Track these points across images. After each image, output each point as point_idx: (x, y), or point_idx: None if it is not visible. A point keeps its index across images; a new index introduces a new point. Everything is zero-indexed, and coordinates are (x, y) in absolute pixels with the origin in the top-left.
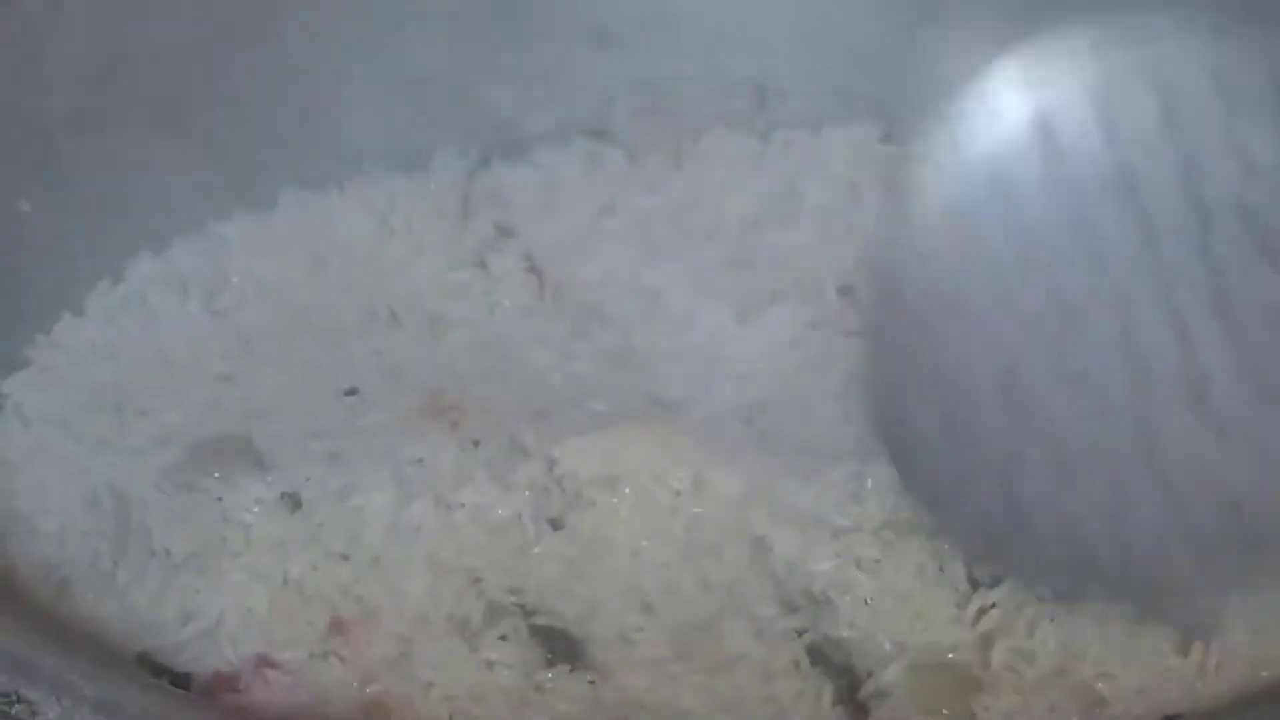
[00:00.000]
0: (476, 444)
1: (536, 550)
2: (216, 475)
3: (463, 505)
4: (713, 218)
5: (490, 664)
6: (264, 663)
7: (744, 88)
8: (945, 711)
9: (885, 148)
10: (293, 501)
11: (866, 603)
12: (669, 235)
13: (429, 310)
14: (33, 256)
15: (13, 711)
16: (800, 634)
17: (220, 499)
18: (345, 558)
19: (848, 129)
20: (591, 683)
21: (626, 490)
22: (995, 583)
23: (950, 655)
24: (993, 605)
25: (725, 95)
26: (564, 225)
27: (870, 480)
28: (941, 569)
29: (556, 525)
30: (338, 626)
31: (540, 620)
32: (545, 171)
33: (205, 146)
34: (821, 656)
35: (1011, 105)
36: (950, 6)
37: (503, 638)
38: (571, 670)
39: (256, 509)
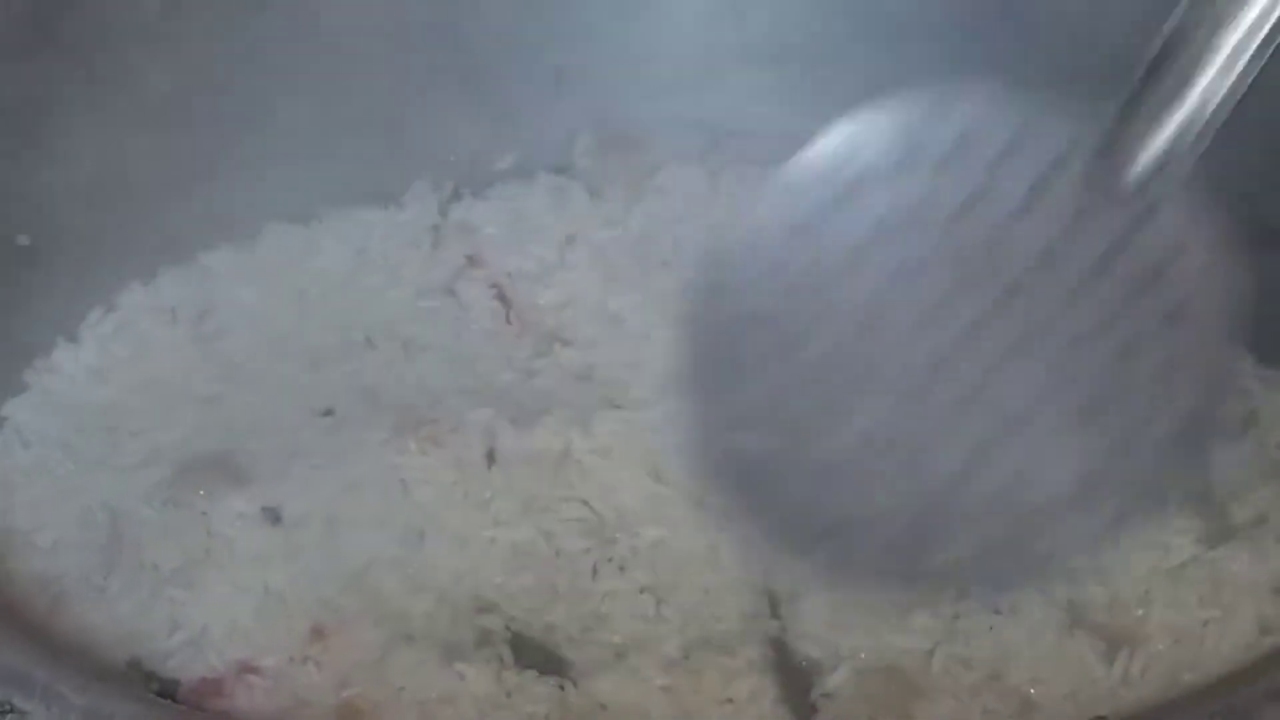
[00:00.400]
0: (458, 461)
1: (513, 564)
2: (202, 492)
3: (438, 521)
4: (668, 247)
5: (461, 673)
6: (246, 668)
7: (697, 128)
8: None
9: None
10: (273, 516)
11: (819, 610)
12: (627, 264)
13: (402, 334)
14: (30, 288)
15: None
16: (758, 639)
17: (205, 514)
18: (323, 570)
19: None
20: (560, 687)
21: (593, 504)
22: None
23: (894, 661)
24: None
25: (680, 134)
26: (529, 255)
27: None
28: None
29: (538, 542)
30: (317, 634)
31: (514, 629)
32: (511, 205)
33: (191, 183)
34: (776, 660)
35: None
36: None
37: (476, 647)
38: (539, 675)
39: (239, 524)
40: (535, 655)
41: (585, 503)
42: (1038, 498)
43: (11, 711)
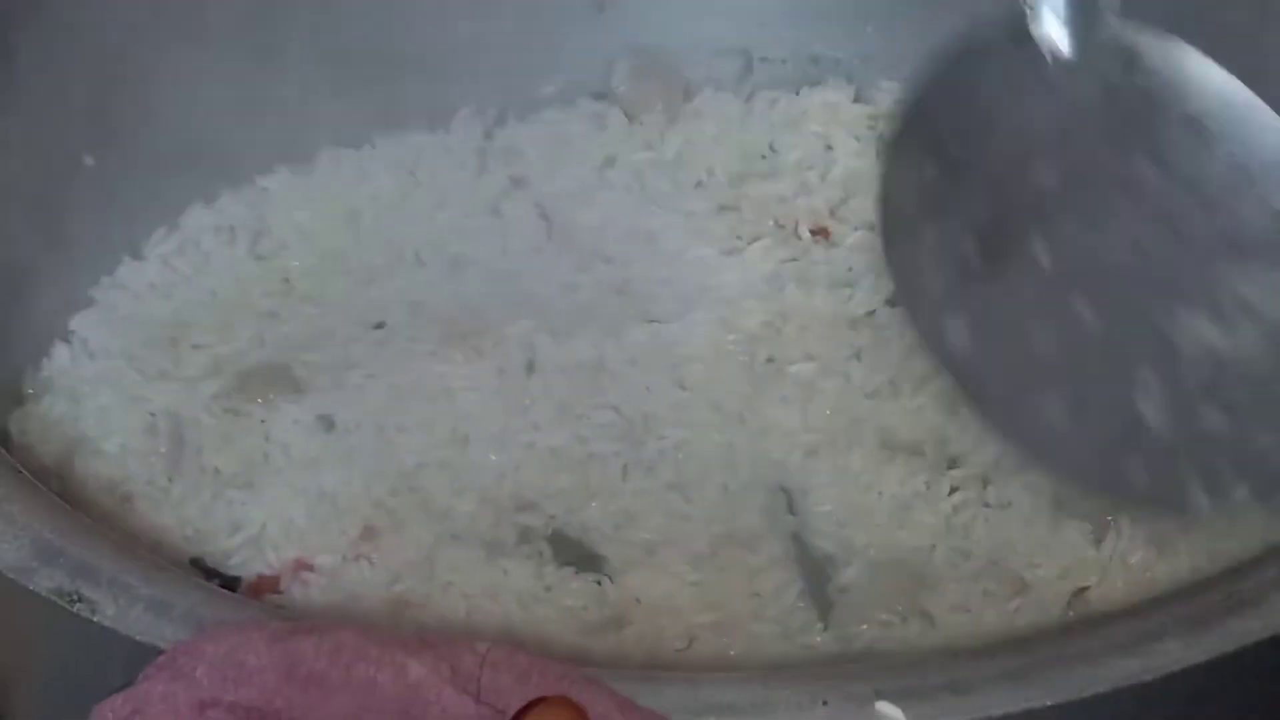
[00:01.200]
0: (500, 371)
1: (550, 465)
2: (260, 400)
3: (481, 426)
4: (702, 170)
5: (504, 569)
6: (302, 566)
7: (731, 54)
8: (899, 607)
9: (856, 107)
10: (327, 423)
11: (840, 509)
12: (663, 185)
13: (450, 252)
14: (96, 207)
15: (74, 609)
16: (780, 535)
17: (263, 421)
18: (374, 473)
19: (823, 91)
20: (597, 582)
21: (622, 410)
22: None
23: (902, 556)
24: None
25: (714, 60)
26: (570, 176)
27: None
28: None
29: (573, 446)
30: (369, 533)
31: (553, 528)
32: (553, 129)
33: (250, 111)
34: (798, 554)
35: None
36: None
37: (517, 544)
38: (577, 571)
39: (295, 430)
40: (573, 552)
41: (615, 409)
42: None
43: (80, 601)
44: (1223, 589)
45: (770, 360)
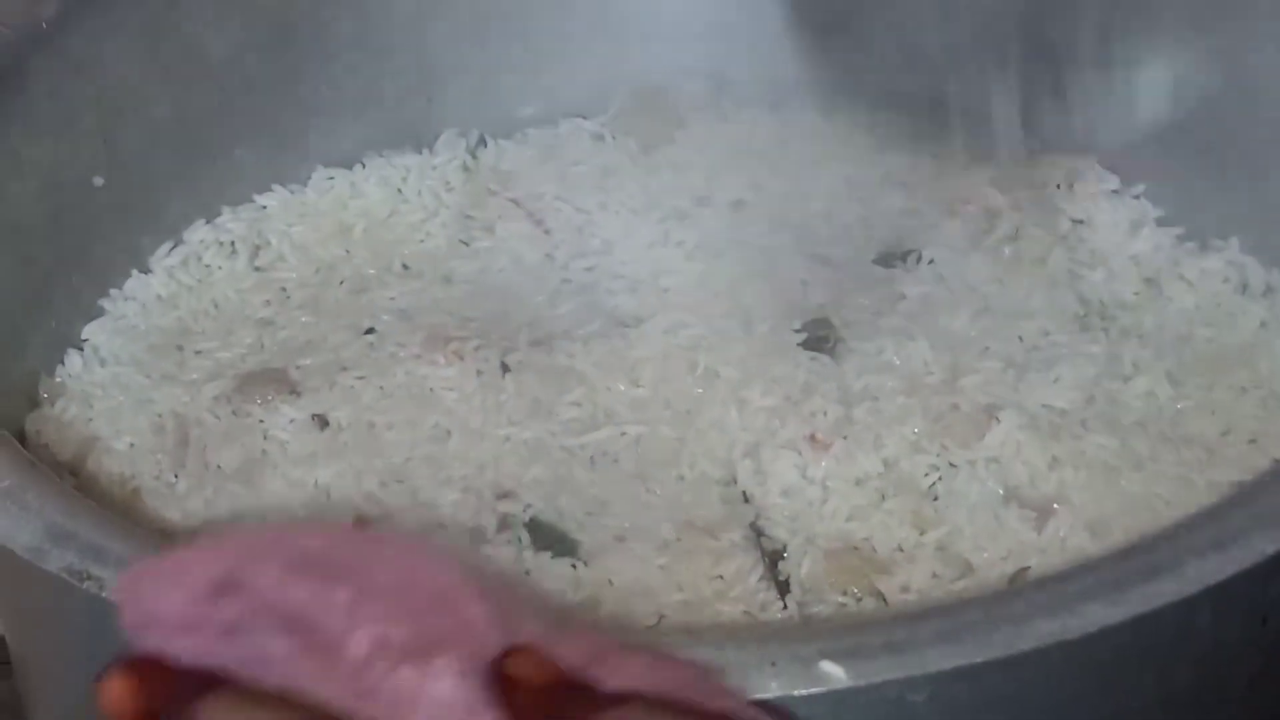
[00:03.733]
0: (478, 372)
1: (526, 457)
2: (259, 402)
3: (462, 422)
4: (680, 183)
5: (487, 555)
6: None
7: (703, 75)
8: (854, 589)
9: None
10: (321, 421)
11: (794, 499)
12: (646, 202)
13: (436, 264)
14: (106, 224)
15: (83, 586)
16: (738, 523)
17: (262, 421)
18: (365, 467)
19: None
20: (573, 566)
21: (586, 406)
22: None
23: (855, 544)
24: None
25: (687, 81)
26: (551, 191)
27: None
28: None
29: (546, 439)
30: (360, 523)
31: (530, 515)
32: (536, 146)
33: (249, 134)
34: (757, 541)
35: None
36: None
37: (498, 530)
38: (554, 556)
39: (292, 428)
40: (549, 537)
41: (579, 404)
42: None
43: (90, 579)
44: (1140, 557)
45: (708, 367)
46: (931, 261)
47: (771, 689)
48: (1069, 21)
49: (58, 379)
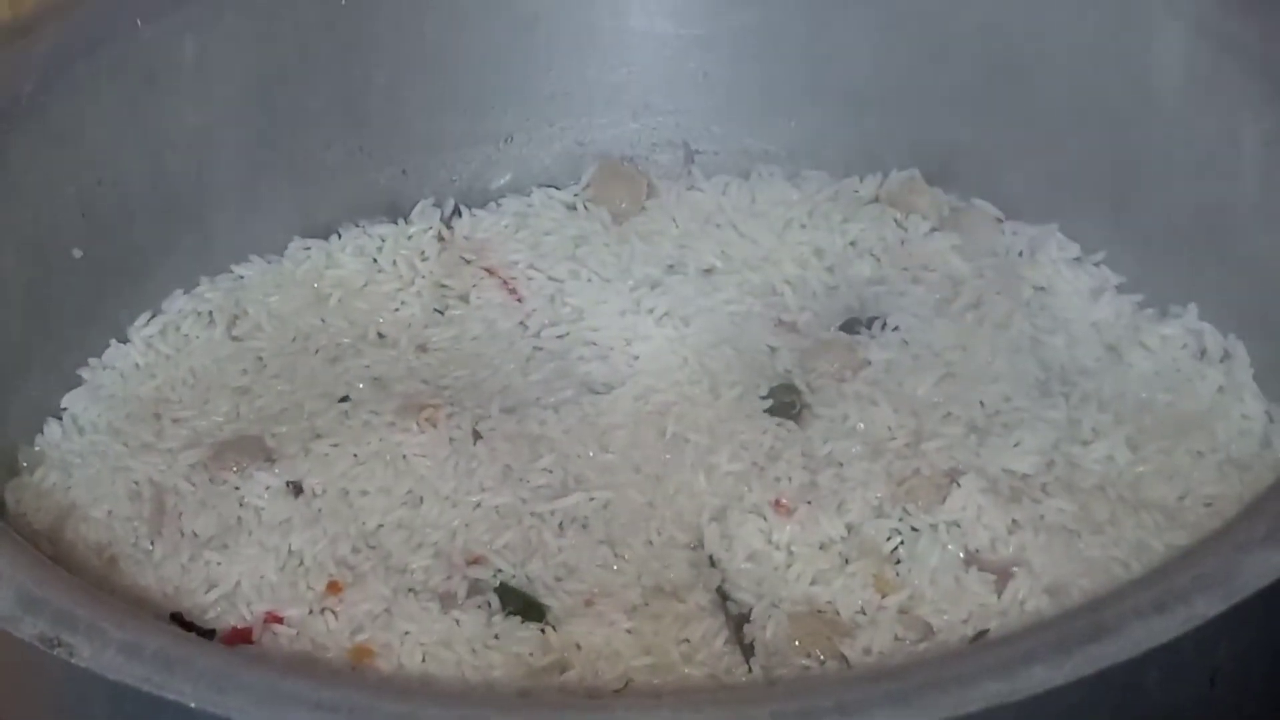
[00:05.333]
0: (451, 439)
1: (497, 524)
2: (235, 469)
3: (433, 489)
4: (651, 251)
5: (457, 619)
6: (272, 618)
7: (671, 145)
8: (818, 652)
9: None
10: (296, 488)
11: (759, 563)
12: (612, 266)
13: (410, 333)
14: (84, 295)
15: (55, 653)
16: (704, 587)
17: (238, 488)
18: (338, 533)
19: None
20: (541, 630)
21: (556, 472)
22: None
23: (819, 606)
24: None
25: (656, 151)
26: (524, 260)
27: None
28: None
29: (516, 505)
30: (333, 588)
31: (500, 580)
32: (508, 216)
33: (226, 205)
34: (722, 605)
35: None
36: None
37: (468, 595)
38: (523, 621)
39: (267, 495)
40: (518, 602)
41: (550, 471)
42: None
43: (60, 645)
44: (1085, 618)
45: (676, 433)
46: (896, 328)
47: None
48: (1029, 94)
49: (37, 447)
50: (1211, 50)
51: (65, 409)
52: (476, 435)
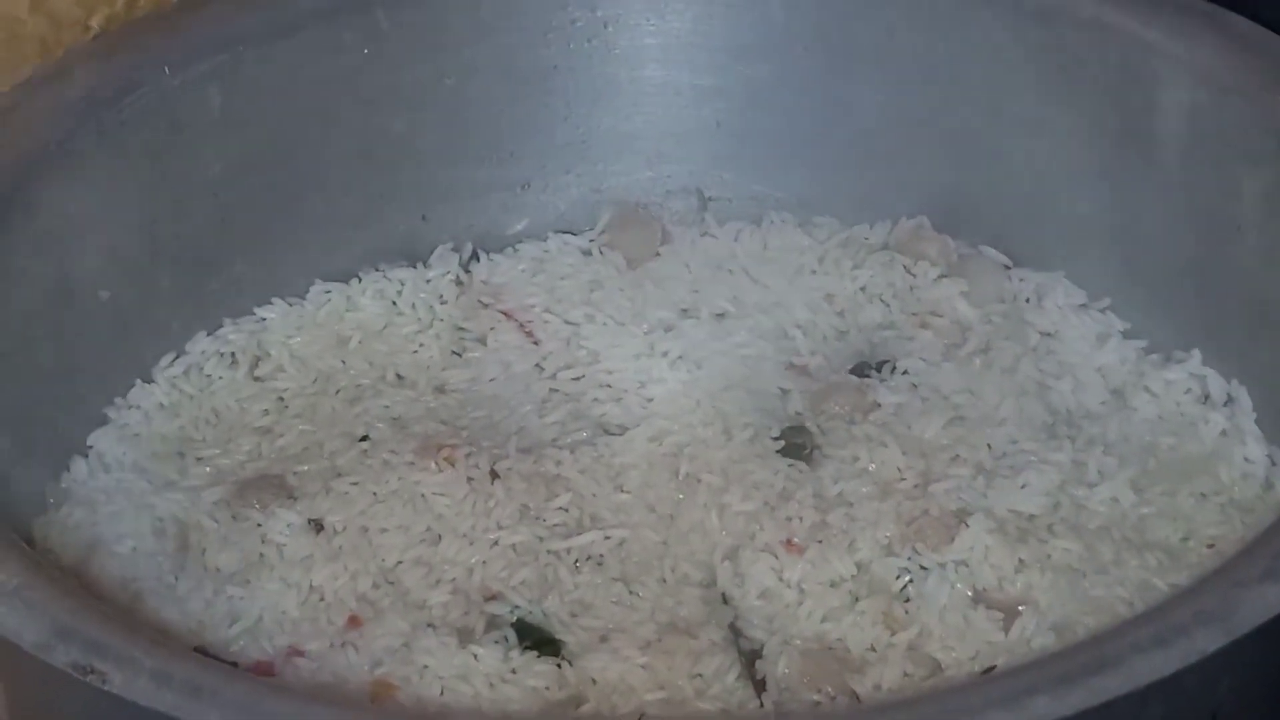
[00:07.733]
0: (469, 479)
1: (514, 561)
2: (257, 507)
3: (452, 526)
4: (665, 295)
5: (474, 654)
6: (293, 652)
7: (685, 192)
8: (829, 687)
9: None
10: (317, 525)
11: (771, 601)
12: (627, 310)
13: (429, 374)
14: (111, 336)
15: (87, 680)
16: (717, 624)
17: (260, 525)
18: (358, 569)
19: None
20: (557, 665)
21: (572, 511)
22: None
23: (829, 644)
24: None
25: (670, 198)
26: (541, 303)
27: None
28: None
29: (533, 543)
30: (353, 623)
31: (517, 616)
32: (526, 260)
33: (249, 249)
34: (735, 641)
35: None
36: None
37: (486, 631)
38: (539, 656)
39: (288, 532)
40: (535, 638)
41: (566, 510)
42: None
43: (93, 673)
44: (1088, 652)
45: (689, 473)
46: (905, 372)
47: None
48: (1034, 144)
49: (63, 484)
50: (1213, 99)
51: (91, 447)
52: (494, 475)
